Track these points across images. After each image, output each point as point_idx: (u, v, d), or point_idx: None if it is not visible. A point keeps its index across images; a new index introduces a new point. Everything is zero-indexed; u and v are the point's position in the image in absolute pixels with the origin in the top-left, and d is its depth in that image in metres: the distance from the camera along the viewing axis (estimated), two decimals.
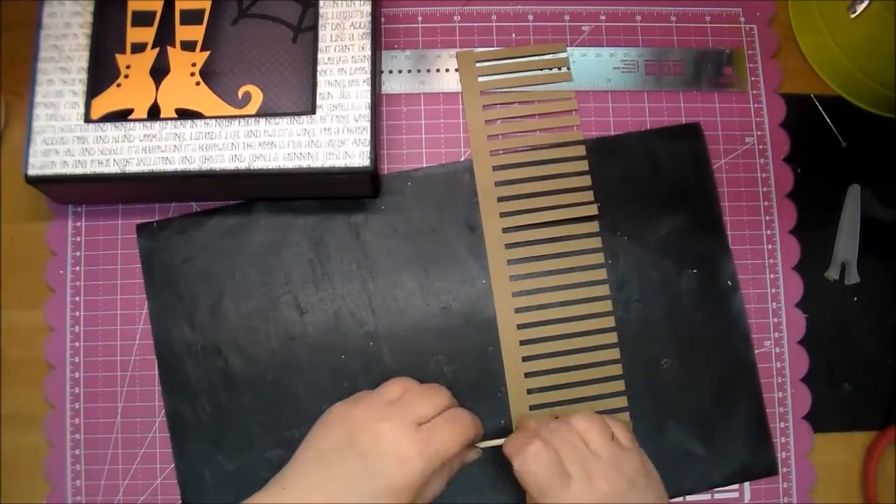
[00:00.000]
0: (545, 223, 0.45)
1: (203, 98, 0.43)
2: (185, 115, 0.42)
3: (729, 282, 0.46)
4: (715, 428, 0.44)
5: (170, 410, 0.44)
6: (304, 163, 0.42)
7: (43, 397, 0.44)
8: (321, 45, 0.43)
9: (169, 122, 0.42)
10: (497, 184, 0.46)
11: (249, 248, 0.45)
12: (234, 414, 0.44)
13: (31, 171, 0.42)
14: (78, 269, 0.45)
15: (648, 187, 0.46)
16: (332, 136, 0.42)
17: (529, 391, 0.44)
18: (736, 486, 0.45)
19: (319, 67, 0.43)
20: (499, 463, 0.43)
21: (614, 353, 0.44)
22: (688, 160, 0.47)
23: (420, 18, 0.48)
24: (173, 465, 0.43)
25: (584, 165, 0.46)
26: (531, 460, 0.36)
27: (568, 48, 0.48)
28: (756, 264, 0.47)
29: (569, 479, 0.35)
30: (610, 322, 0.45)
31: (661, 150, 0.47)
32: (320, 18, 0.44)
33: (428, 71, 0.48)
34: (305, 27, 0.44)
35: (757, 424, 0.45)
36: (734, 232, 0.47)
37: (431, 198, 0.46)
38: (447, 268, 0.45)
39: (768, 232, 0.47)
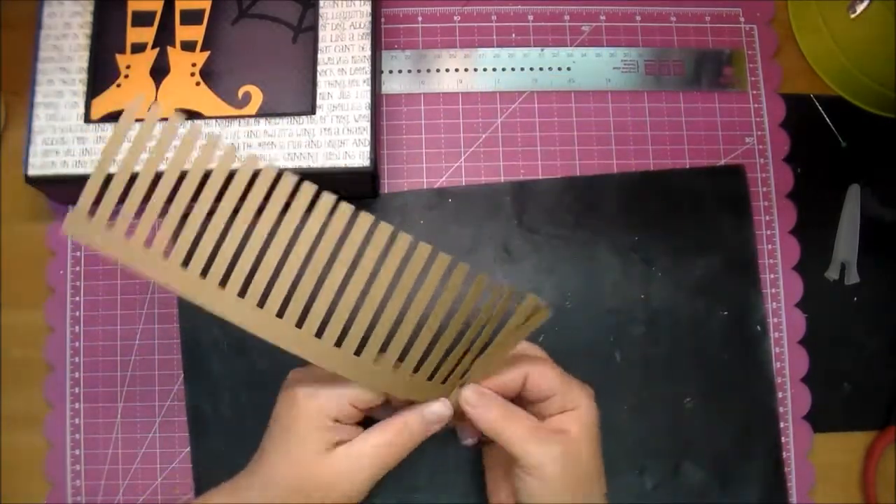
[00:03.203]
0: None
1: (203, 98, 0.43)
2: (185, 115, 0.42)
3: (758, 327, 0.46)
4: (732, 471, 0.44)
5: (190, 404, 0.44)
6: (304, 163, 0.42)
7: (43, 397, 0.44)
8: (321, 45, 0.43)
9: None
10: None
11: None
12: (254, 413, 0.43)
13: (31, 171, 0.42)
14: (78, 269, 0.45)
15: (687, 225, 0.46)
16: (332, 137, 0.42)
17: None
18: None
19: (319, 67, 0.43)
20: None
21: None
22: (728, 202, 0.47)
23: (420, 18, 0.48)
24: (175, 464, 0.44)
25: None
26: None
27: (568, 48, 0.48)
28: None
29: None
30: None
31: (704, 189, 0.47)
32: (320, 18, 0.44)
33: (428, 71, 0.48)
34: (305, 27, 0.44)
35: (774, 470, 0.44)
36: None
37: (470, 217, 0.46)
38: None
39: (768, 232, 0.47)
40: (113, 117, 0.42)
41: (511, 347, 0.35)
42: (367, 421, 0.35)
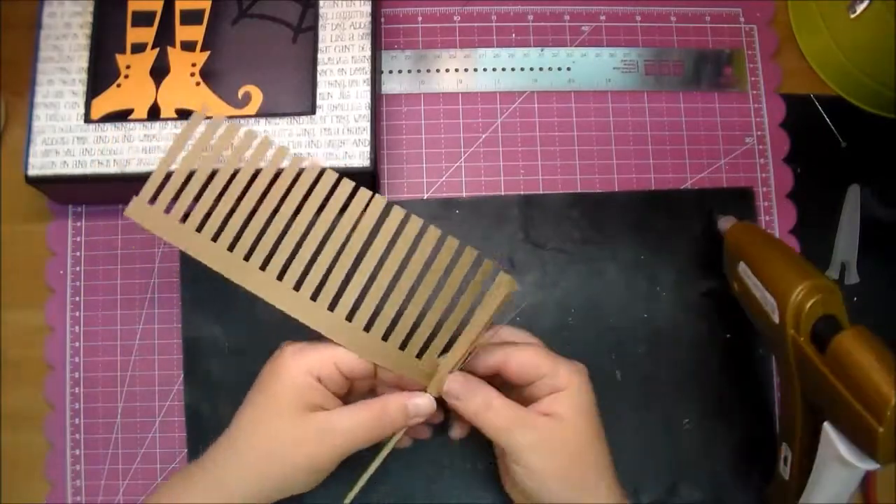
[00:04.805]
0: None
1: (203, 98, 0.43)
2: (185, 115, 0.42)
3: (761, 350, 0.45)
4: (727, 494, 0.44)
5: (188, 404, 0.44)
6: (304, 163, 0.42)
7: (43, 397, 0.44)
8: (321, 45, 0.43)
9: (169, 122, 0.42)
10: None
11: None
12: None
13: (31, 171, 0.42)
14: (78, 269, 0.45)
15: (694, 245, 0.46)
16: (332, 137, 0.42)
17: None
18: None
19: (319, 67, 0.43)
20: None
21: None
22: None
23: (420, 18, 0.48)
24: (175, 464, 0.44)
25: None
26: None
27: (568, 48, 0.48)
28: None
29: None
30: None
31: (713, 209, 0.46)
32: (320, 18, 0.44)
33: (428, 71, 0.48)
34: (305, 27, 0.44)
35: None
36: None
37: (476, 228, 0.46)
38: None
39: (768, 231, 0.47)
40: (113, 117, 0.42)
41: (486, 321, 0.34)
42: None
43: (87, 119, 0.42)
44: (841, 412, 0.33)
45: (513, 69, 0.48)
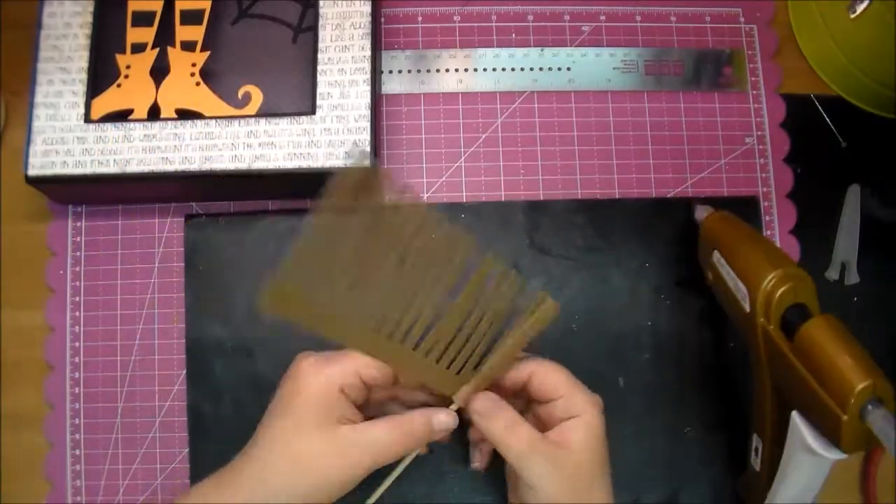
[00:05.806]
0: None
1: (203, 98, 0.43)
2: (185, 115, 0.42)
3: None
4: (728, 503, 0.44)
5: (191, 404, 0.44)
6: (304, 163, 0.42)
7: (43, 397, 0.44)
8: (321, 45, 0.43)
9: (169, 122, 0.42)
10: None
11: None
12: (255, 416, 0.43)
13: (31, 171, 0.42)
14: (78, 269, 0.45)
15: (698, 254, 0.45)
16: (332, 137, 0.42)
17: None
18: None
19: (319, 67, 0.43)
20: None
21: None
22: None
23: (420, 18, 0.48)
24: (175, 464, 0.44)
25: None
26: None
27: (568, 48, 0.48)
28: None
29: None
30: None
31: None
32: (320, 18, 0.44)
33: (428, 71, 0.48)
34: (305, 27, 0.44)
35: None
36: None
37: (482, 233, 0.45)
38: None
39: (768, 232, 0.47)
40: (113, 117, 0.42)
41: (521, 342, 0.35)
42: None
43: (87, 119, 0.42)
44: (808, 400, 0.33)
45: (513, 69, 0.48)
